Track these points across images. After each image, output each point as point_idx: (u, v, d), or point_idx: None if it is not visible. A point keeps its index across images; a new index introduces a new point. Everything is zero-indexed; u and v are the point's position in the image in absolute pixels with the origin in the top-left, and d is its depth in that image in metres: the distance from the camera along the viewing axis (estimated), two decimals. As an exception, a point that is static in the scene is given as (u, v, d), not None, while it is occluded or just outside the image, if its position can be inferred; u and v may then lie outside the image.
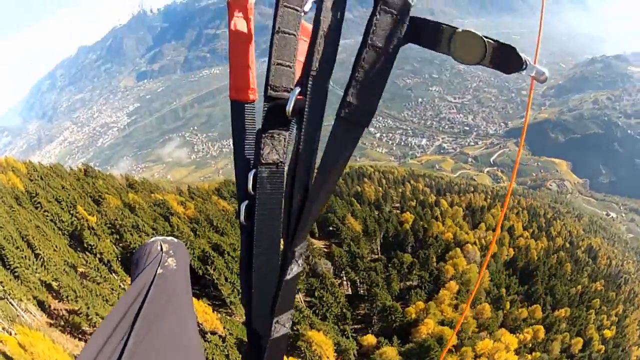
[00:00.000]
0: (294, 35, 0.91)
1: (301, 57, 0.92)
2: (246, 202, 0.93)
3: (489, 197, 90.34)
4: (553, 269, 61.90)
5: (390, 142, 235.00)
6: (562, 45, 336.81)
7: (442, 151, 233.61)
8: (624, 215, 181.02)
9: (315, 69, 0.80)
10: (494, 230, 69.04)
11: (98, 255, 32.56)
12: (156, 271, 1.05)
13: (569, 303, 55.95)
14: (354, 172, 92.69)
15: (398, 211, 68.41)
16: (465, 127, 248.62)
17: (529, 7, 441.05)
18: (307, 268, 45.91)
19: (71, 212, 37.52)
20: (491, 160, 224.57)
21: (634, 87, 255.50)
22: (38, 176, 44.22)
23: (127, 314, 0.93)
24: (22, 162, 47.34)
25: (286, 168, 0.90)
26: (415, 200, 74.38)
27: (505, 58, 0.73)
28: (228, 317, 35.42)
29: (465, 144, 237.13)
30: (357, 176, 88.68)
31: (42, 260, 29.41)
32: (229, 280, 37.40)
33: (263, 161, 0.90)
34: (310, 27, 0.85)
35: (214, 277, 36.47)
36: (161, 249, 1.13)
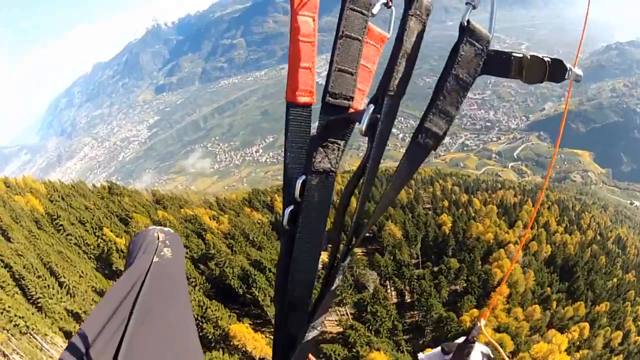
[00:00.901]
0: (359, 40, 0.90)
1: (365, 62, 0.93)
2: (291, 207, 0.92)
3: (519, 192, 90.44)
4: (590, 264, 61.11)
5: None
6: (577, 34, 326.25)
7: (465, 148, 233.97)
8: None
9: (393, 88, 0.80)
10: (531, 227, 68.34)
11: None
12: (152, 259, 1.06)
13: (608, 297, 55.44)
14: (383, 175, 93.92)
15: (432, 212, 68.30)
16: (487, 123, 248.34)
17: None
18: (352, 279, 44.65)
19: (97, 234, 35.59)
20: (515, 154, 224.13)
21: None
22: (59, 196, 41.97)
23: (124, 301, 0.93)
24: (42, 181, 45.91)
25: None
26: (447, 200, 74.74)
27: (557, 71, 0.84)
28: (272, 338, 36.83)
29: (488, 140, 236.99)
30: (385, 179, 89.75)
31: (67, 288, 27.45)
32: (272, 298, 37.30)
33: (314, 169, 0.89)
34: (377, 29, 0.89)
35: (257, 296, 34.97)
36: (158, 237, 1.14)
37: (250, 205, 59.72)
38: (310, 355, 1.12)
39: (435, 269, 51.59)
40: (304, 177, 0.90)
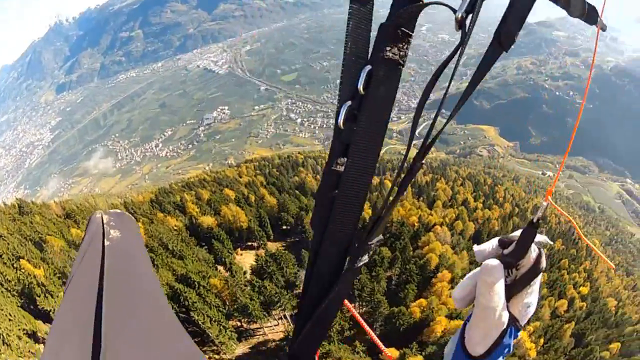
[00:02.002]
0: None
1: None
2: (349, 102, 0.83)
3: (428, 171, 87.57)
4: (516, 237, 59.47)
5: (313, 127, 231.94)
6: (481, 15, 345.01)
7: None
8: (561, 173, 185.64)
9: None
10: (452, 207, 65.44)
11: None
12: (103, 244, 1.00)
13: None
14: (287, 162, 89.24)
15: None
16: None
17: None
18: (283, 281, 39.40)
19: (15, 265, 31.03)
20: (417, 133, 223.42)
21: (559, 51, 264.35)
22: (-38, 227, 36.47)
23: (86, 297, 0.87)
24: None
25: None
26: None
27: (592, 13, 0.96)
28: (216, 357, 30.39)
29: (389, 120, 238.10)
30: (290, 166, 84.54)
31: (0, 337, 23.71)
32: (213, 318, 31.39)
33: (384, 57, 0.80)
34: None
35: (193, 316, 30.88)
36: (102, 221, 1.07)
37: (161, 209, 54.00)
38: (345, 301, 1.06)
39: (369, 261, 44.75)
40: (369, 67, 0.81)
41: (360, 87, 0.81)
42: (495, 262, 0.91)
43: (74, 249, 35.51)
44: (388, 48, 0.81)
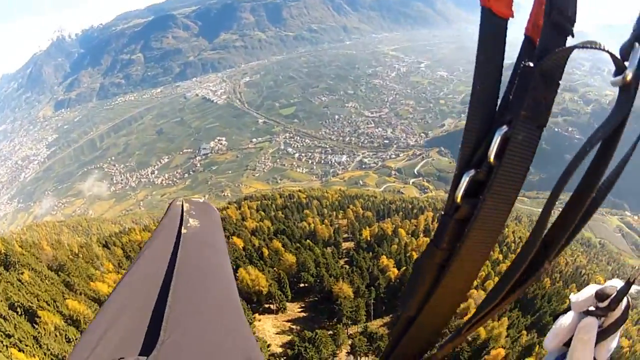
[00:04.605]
0: None
1: None
2: (472, 172, 0.65)
3: (432, 210, 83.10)
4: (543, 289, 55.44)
5: (310, 162, 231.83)
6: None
7: (363, 166, 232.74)
8: (560, 209, 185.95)
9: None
10: None
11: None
12: (180, 232, 1.00)
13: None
14: (291, 202, 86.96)
15: (366, 252, 58.99)
16: (385, 141, 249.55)
17: (444, 19, 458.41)
18: None
19: (5, 354, 24.72)
20: (415, 171, 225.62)
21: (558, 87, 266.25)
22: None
23: (150, 281, 0.89)
24: None
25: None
26: (365, 229, 66.42)
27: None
28: None
29: (387, 158, 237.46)
30: (295, 208, 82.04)
31: None
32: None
33: (523, 116, 0.60)
34: None
35: None
36: (182, 209, 1.08)
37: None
38: None
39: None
40: (505, 128, 0.62)
41: (492, 155, 0.63)
42: (592, 320, 0.86)
43: (72, 326, 31.45)
44: (530, 103, 0.61)
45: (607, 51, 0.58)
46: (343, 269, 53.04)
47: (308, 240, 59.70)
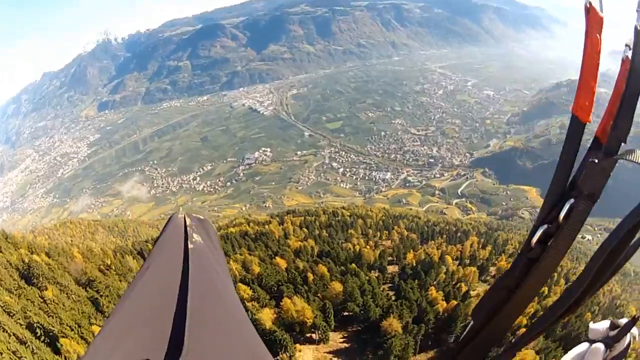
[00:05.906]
0: None
1: None
2: (545, 226, 0.93)
3: (480, 237, 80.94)
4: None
5: (354, 177, 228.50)
6: (525, 72, 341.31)
7: (407, 184, 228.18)
8: (599, 236, 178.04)
9: None
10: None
11: None
12: (186, 246, 1.04)
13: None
14: (335, 220, 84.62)
15: (410, 280, 55.55)
16: (430, 159, 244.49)
17: (491, 37, 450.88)
18: None
19: None
20: (459, 191, 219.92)
21: (602, 108, 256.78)
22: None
23: (163, 292, 0.92)
24: None
25: None
26: (411, 252, 63.99)
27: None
28: None
29: (431, 177, 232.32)
30: (340, 227, 79.74)
31: None
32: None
33: (588, 193, 0.89)
34: None
35: None
36: (185, 223, 1.11)
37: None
38: None
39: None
40: (572, 200, 0.91)
41: (562, 216, 0.91)
42: (601, 346, 1.03)
43: None
44: (590, 187, 0.90)
45: None
46: (388, 297, 49.94)
47: (353, 264, 56.68)
